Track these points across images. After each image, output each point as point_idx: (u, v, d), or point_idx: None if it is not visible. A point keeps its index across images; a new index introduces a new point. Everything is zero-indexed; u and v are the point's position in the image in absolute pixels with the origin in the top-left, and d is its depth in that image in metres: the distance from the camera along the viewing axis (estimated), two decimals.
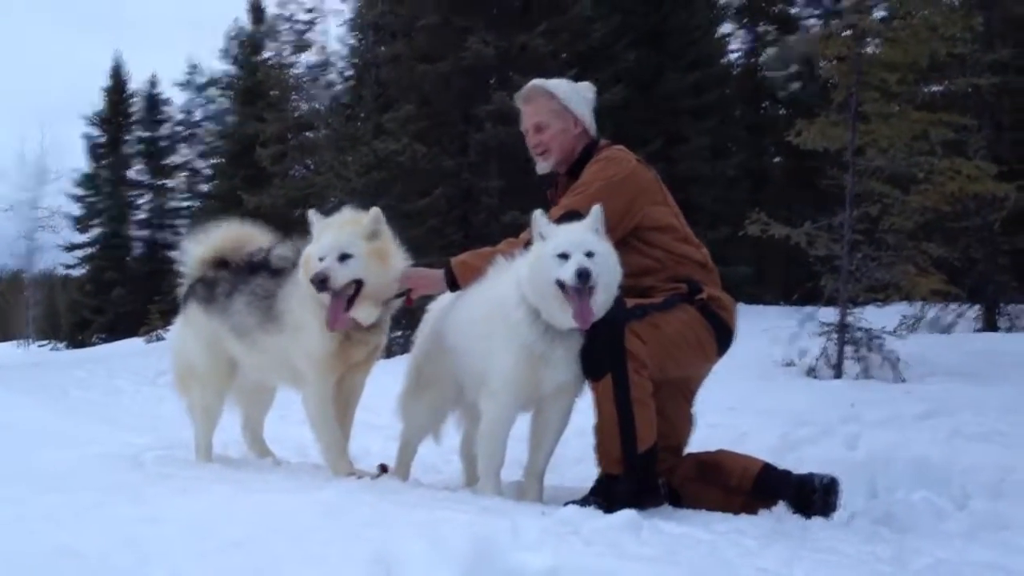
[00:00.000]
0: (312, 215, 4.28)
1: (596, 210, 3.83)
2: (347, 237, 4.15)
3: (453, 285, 4.23)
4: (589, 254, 3.70)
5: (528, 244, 4.05)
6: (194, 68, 38.84)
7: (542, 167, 4.49)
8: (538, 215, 3.85)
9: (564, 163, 4.43)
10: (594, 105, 4.54)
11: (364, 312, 4.20)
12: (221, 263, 4.75)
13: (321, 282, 4.00)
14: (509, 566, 2.23)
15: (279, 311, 4.35)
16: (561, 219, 3.97)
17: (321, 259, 4.07)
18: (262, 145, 22.37)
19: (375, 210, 4.29)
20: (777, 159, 24.96)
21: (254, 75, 30.12)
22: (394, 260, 4.26)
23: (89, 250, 38.19)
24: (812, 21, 24.93)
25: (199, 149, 39.19)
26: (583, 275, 3.63)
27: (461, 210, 16.77)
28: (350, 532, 2.68)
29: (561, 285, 3.69)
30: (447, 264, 4.25)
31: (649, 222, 4.18)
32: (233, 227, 4.86)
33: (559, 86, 4.50)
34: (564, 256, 3.70)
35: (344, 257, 4.08)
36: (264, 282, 4.44)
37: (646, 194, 4.22)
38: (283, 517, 2.89)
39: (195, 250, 4.84)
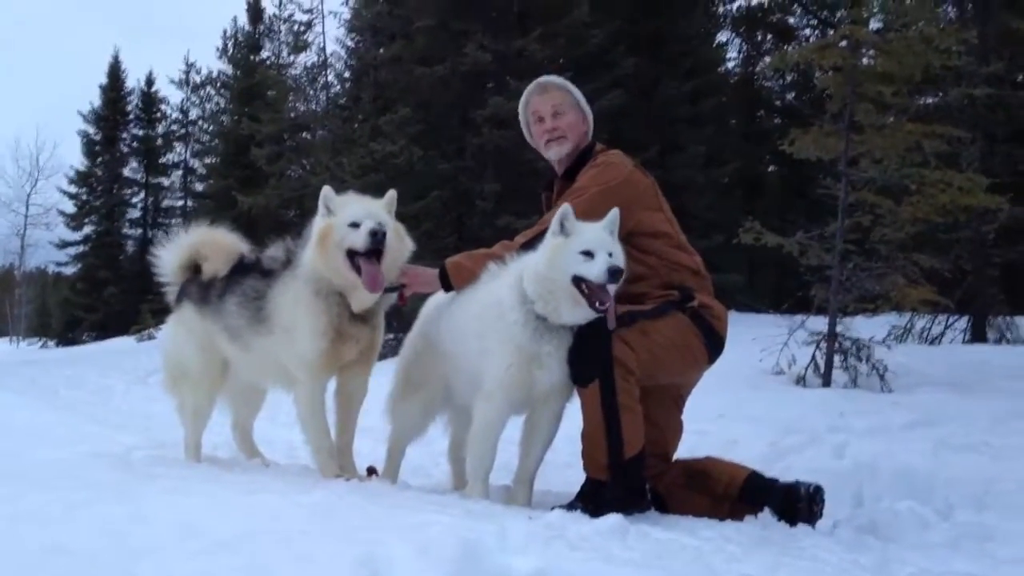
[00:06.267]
0: (327, 190, 4.26)
1: (614, 213, 3.90)
2: (377, 208, 4.22)
3: (447, 285, 4.26)
4: (610, 254, 3.76)
5: (526, 246, 4.09)
6: (191, 67, 38.91)
7: (556, 152, 4.50)
8: (569, 210, 3.85)
9: (569, 157, 4.47)
10: None
11: (357, 300, 4.22)
12: (196, 269, 4.77)
13: (377, 236, 4.03)
14: (495, 569, 2.25)
15: (269, 312, 4.33)
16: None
17: (354, 225, 4.09)
18: (258, 145, 22.40)
19: (393, 191, 4.37)
20: (772, 168, 25.02)
21: (251, 75, 30.17)
22: (407, 241, 4.30)
23: (82, 248, 38.16)
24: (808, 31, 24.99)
25: (194, 148, 39.20)
26: (616, 273, 3.70)
27: (456, 213, 16.78)
28: (338, 534, 2.69)
29: (578, 282, 3.74)
30: (442, 264, 4.28)
31: (643, 228, 4.20)
32: (205, 233, 4.87)
33: (571, 84, 4.60)
34: (588, 254, 3.75)
35: (380, 224, 4.11)
36: (255, 283, 4.42)
37: (641, 200, 4.25)
38: (272, 518, 2.90)
39: (168, 258, 4.87)
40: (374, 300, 4.24)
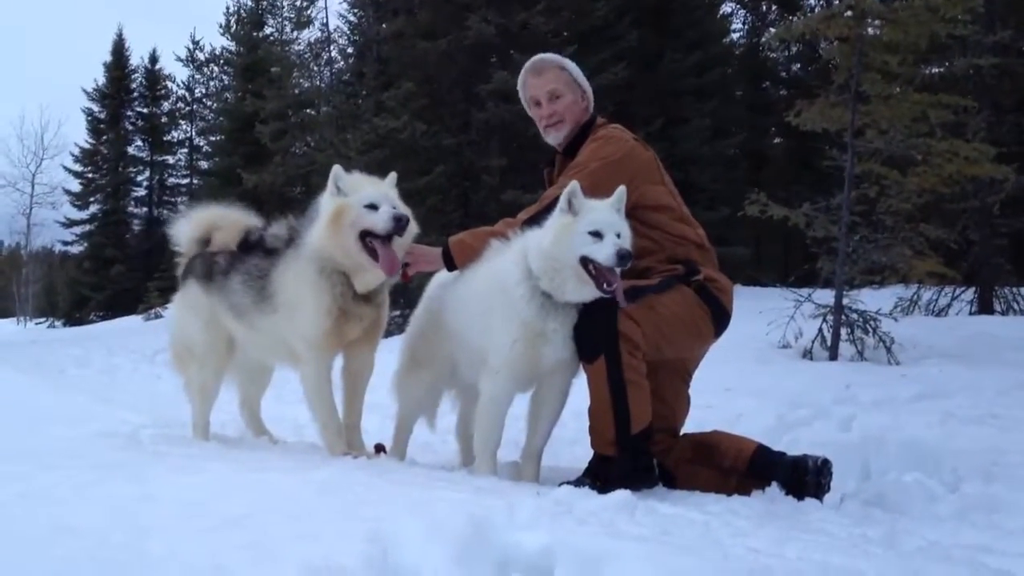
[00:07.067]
0: (338, 169, 4.17)
1: (621, 191, 3.86)
2: (390, 191, 4.20)
3: (450, 264, 4.25)
4: (618, 235, 3.73)
5: (528, 223, 4.07)
6: (196, 44, 38.79)
7: (555, 137, 4.48)
8: (576, 187, 3.80)
9: (569, 136, 4.44)
10: None
11: (361, 280, 4.20)
12: (206, 243, 4.77)
13: (402, 222, 3.99)
14: (504, 545, 2.25)
15: (273, 290, 4.31)
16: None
17: (372, 207, 4.05)
18: (262, 122, 22.35)
19: (393, 173, 4.34)
20: (777, 140, 24.93)
21: (254, 52, 30.07)
22: (412, 224, 4.24)
23: (88, 227, 38.20)
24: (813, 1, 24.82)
25: (199, 126, 39.15)
26: (625, 257, 3.66)
27: (461, 188, 16.75)
28: (346, 511, 2.69)
29: (585, 262, 3.71)
30: (445, 243, 4.26)
31: (646, 201, 4.18)
32: (218, 209, 4.87)
33: (566, 60, 4.55)
34: (597, 235, 3.71)
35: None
36: (259, 262, 4.40)
37: (643, 173, 4.23)
38: (280, 496, 2.91)
39: (186, 229, 4.84)
40: (379, 281, 4.21)
